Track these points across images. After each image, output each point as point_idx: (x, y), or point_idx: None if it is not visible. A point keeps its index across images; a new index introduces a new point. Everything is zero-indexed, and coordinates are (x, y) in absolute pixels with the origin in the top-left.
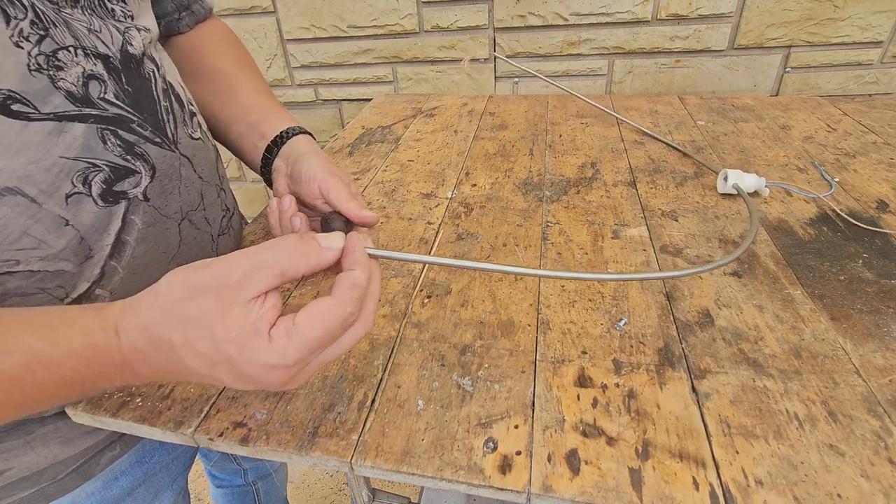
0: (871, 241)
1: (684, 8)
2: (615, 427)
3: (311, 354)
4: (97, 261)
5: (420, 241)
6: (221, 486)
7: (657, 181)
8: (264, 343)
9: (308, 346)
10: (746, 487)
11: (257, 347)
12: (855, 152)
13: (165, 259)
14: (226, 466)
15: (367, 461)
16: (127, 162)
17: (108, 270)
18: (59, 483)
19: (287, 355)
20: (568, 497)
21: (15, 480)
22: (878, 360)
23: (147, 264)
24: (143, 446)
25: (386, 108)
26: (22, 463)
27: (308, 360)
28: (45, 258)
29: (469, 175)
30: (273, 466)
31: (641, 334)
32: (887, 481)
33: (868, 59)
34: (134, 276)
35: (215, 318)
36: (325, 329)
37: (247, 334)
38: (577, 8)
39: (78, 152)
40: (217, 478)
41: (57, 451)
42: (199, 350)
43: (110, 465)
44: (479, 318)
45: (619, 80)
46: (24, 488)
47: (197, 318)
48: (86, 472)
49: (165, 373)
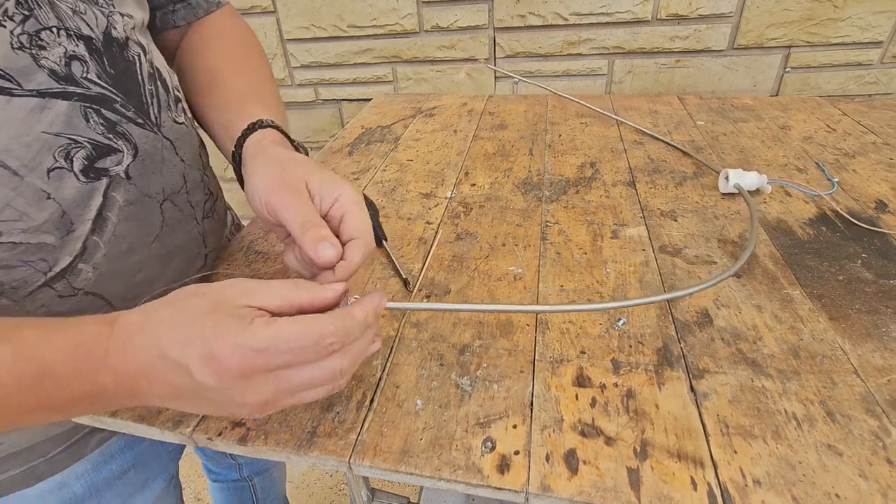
0: (870, 241)
1: (684, 8)
2: (613, 427)
3: (280, 355)
4: (79, 235)
5: (419, 240)
6: (218, 481)
7: (656, 181)
8: (242, 324)
9: (280, 338)
10: (745, 487)
11: (234, 326)
12: (854, 152)
13: (148, 238)
14: (221, 461)
15: (365, 461)
16: (109, 140)
17: (90, 245)
18: (49, 461)
19: (258, 338)
20: (566, 497)
21: (5, 455)
22: (877, 360)
23: (130, 242)
24: None
25: (385, 107)
26: (11, 437)
27: (276, 365)
28: (27, 230)
29: (468, 175)
30: (270, 462)
31: (640, 334)
32: (885, 481)
33: (868, 59)
34: (117, 252)
35: (203, 307)
36: (301, 334)
37: (229, 315)
38: (577, 8)
39: (60, 128)
40: (213, 472)
41: (46, 427)
42: (180, 329)
43: (100, 446)
44: (477, 318)
45: (619, 80)
46: (15, 465)
47: (184, 310)
48: (76, 452)
49: (141, 360)
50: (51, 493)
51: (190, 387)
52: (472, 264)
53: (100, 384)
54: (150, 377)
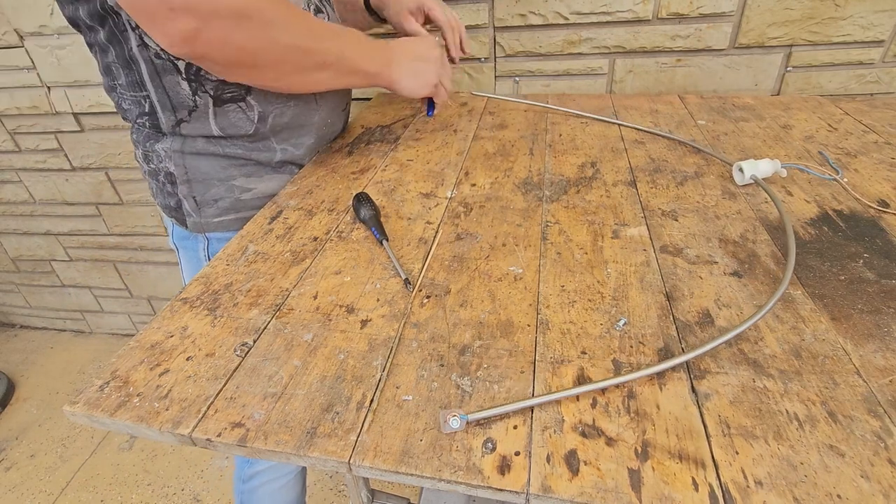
0: (872, 240)
1: (685, 7)
2: (614, 427)
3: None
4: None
5: (419, 240)
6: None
7: (657, 181)
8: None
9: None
10: (746, 488)
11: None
12: (856, 152)
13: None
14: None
15: (365, 461)
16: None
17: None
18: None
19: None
20: (567, 498)
21: (252, 198)
22: (879, 360)
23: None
24: None
25: (385, 107)
26: (261, 187)
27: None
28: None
29: (468, 175)
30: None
31: (641, 334)
32: (887, 482)
33: (870, 58)
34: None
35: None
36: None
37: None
38: (577, 7)
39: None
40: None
41: (283, 183)
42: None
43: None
44: (478, 319)
45: (620, 80)
46: (257, 207)
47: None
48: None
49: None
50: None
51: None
52: (473, 264)
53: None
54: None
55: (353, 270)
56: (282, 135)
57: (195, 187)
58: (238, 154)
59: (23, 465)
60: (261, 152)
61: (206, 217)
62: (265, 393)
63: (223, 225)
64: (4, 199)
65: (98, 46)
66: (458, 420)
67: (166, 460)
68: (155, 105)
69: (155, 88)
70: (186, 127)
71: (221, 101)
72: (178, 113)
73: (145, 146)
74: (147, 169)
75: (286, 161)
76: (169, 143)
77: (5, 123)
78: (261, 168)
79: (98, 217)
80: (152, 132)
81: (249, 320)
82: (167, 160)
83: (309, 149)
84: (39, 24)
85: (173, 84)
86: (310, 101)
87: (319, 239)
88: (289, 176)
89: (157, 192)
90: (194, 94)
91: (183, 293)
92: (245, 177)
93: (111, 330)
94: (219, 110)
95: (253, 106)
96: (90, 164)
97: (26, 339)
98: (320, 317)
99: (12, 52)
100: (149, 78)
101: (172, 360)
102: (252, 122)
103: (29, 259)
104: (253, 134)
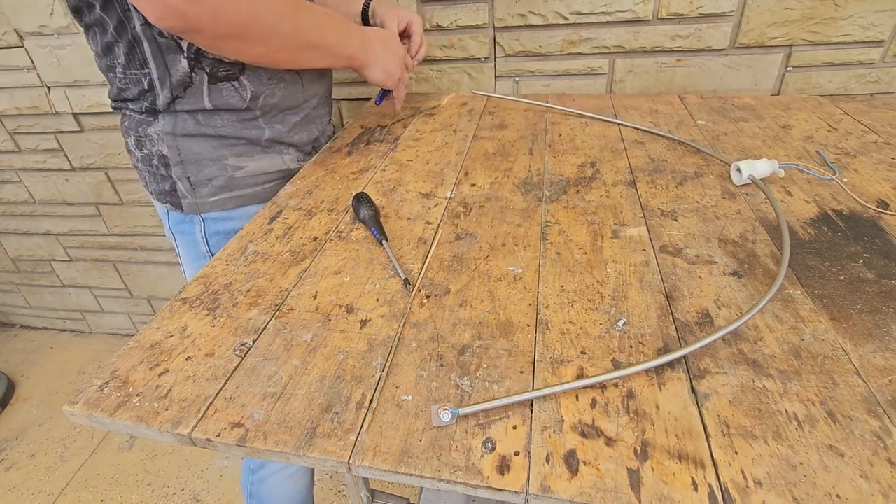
0: (872, 240)
1: (685, 7)
2: (614, 428)
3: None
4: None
5: (419, 240)
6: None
7: (657, 181)
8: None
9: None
10: (745, 488)
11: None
12: (856, 152)
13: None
14: None
15: (365, 461)
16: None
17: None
18: (270, 187)
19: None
20: (566, 498)
21: (275, 171)
22: (878, 360)
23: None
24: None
25: (385, 107)
26: (277, 162)
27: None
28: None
29: (468, 175)
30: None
31: (640, 334)
32: (886, 482)
33: (870, 58)
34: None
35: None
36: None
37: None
38: (577, 7)
39: None
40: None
41: (274, 162)
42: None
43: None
44: (477, 319)
45: (620, 80)
46: (250, 185)
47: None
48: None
49: (365, 36)
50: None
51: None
52: (472, 264)
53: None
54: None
55: (352, 270)
56: (270, 114)
57: (189, 168)
58: (229, 133)
59: (23, 465)
60: (250, 130)
61: (202, 197)
62: (265, 393)
63: (218, 204)
64: (4, 199)
65: (98, 26)
66: (449, 413)
67: (166, 460)
68: (154, 82)
69: (157, 66)
70: (181, 102)
71: (216, 78)
72: (174, 90)
73: (137, 131)
74: (140, 155)
75: (274, 140)
76: (161, 125)
77: (5, 123)
78: (251, 147)
79: (98, 217)
80: (145, 116)
81: (249, 320)
82: (160, 143)
83: (295, 126)
84: (39, 24)
85: (174, 62)
86: (297, 84)
87: (319, 239)
88: (278, 155)
89: (151, 179)
90: (192, 70)
91: (182, 293)
92: (236, 156)
93: (111, 330)
94: (213, 87)
95: (246, 86)
96: (90, 165)
97: (26, 339)
98: (320, 317)
99: (12, 52)
100: (151, 56)
101: (172, 360)
102: (244, 101)
103: (29, 259)
104: (244, 110)
